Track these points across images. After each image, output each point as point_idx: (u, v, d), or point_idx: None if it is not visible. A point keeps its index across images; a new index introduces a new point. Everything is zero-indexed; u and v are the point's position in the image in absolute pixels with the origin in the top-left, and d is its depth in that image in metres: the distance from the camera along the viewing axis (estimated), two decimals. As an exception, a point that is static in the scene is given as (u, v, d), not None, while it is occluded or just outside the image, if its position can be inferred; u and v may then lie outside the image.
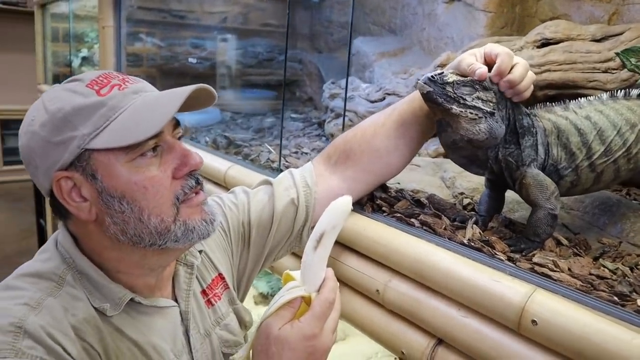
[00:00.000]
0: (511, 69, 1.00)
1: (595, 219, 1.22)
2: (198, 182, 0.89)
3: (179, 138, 0.92)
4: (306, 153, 1.92)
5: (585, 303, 0.84)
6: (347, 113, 2.03)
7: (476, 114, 0.98)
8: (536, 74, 1.50)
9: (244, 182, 1.56)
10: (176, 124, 0.91)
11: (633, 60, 1.20)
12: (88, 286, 0.84)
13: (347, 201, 0.80)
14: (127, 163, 0.82)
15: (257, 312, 2.65)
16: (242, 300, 1.18)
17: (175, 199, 0.85)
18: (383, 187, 1.28)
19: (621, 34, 1.45)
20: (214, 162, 1.78)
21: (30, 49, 5.25)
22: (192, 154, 0.88)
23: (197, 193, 0.90)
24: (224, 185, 1.70)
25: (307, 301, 0.81)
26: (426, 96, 0.99)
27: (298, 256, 1.38)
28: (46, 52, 4.79)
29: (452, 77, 0.99)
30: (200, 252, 1.06)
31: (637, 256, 1.05)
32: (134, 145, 0.81)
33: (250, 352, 0.83)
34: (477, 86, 0.99)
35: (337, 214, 0.80)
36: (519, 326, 0.86)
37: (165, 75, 3.35)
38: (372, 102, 1.98)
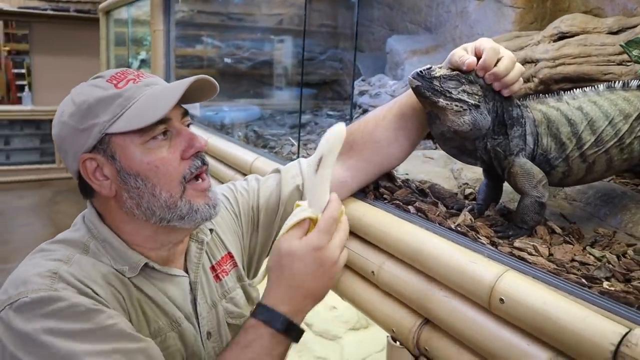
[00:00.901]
0: (497, 62, 1.03)
1: (596, 210, 1.22)
2: (204, 162, 1.01)
3: (188, 125, 1.04)
4: None
5: (553, 284, 0.87)
6: (372, 108, 2.07)
7: (461, 107, 1.01)
8: (551, 67, 1.52)
9: (267, 171, 1.64)
10: (184, 113, 1.03)
11: (636, 52, 1.20)
12: (110, 251, 0.97)
13: (340, 128, 0.88)
14: (140, 145, 0.95)
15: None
16: (252, 279, 1.27)
17: (182, 178, 0.97)
18: (389, 176, 1.34)
19: (637, 26, 1.43)
20: (242, 154, 1.89)
21: (96, 54, 5.61)
22: (197, 137, 1.01)
23: (202, 179, 1.01)
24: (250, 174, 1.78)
25: (314, 223, 0.90)
26: (415, 90, 1.05)
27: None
28: (109, 56, 5.11)
29: (439, 72, 1.03)
30: (211, 230, 1.16)
31: (628, 245, 1.05)
32: (145, 129, 0.93)
33: (265, 275, 0.94)
34: (463, 80, 1.02)
35: (332, 139, 0.87)
36: (489, 304, 0.90)
37: (213, 76, 3.50)
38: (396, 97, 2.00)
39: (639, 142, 1.11)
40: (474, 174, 1.42)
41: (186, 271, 1.09)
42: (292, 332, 0.89)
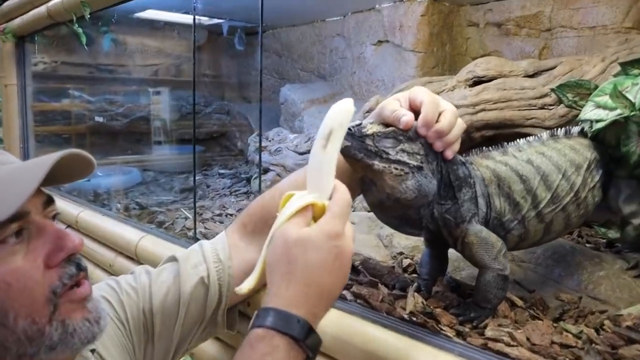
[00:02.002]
0: (438, 116, 0.90)
1: (549, 271, 1.13)
2: (80, 268, 0.75)
3: (54, 217, 0.77)
4: (230, 215, 1.81)
5: (551, 388, 0.71)
6: (274, 167, 1.94)
7: (402, 170, 0.87)
8: (471, 114, 1.45)
9: (158, 254, 1.44)
10: (48, 200, 0.76)
11: (570, 95, 1.14)
12: None
13: (349, 101, 0.75)
14: None
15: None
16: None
17: (51, 294, 0.71)
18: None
19: (553, 68, 1.43)
20: (124, 232, 1.64)
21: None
22: (68, 235, 0.75)
23: (79, 284, 0.74)
24: (136, 258, 1.55)
25: (317, 213, 0.74)
26: (344, 152, 0.87)
27: (221, 340, 1.23)
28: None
29: (372, 129, 0.88)
30: (92, 351, 0.89)
31: (601, 313, 0.96)
32: None
33: (261, 274, 0.76)
34: (400, 137, 0.88)
35: (343, 112, 0.75)
36: (476, 423, 0.72)
37: (81, 134, 3.22)
38: (300, 154, 1.92)
39: (592, 195, 1.05)
40: (407, 240, 1.29)
41: None
42: (311, 340, 0.70)
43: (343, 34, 2.47)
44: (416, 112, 0.91)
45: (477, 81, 1.53)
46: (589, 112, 1.09)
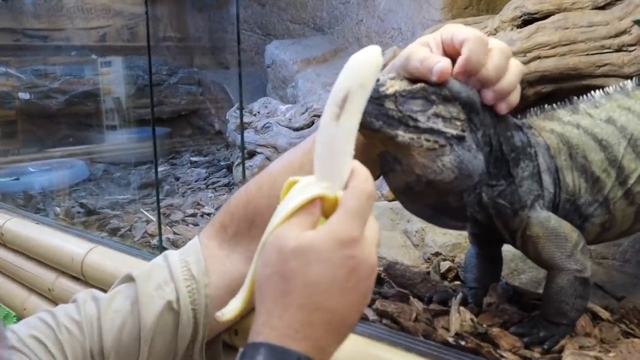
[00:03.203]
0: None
1: None
2: None
3: None
4: (208, 215, 1.81)
5: None
6: (262, 149, 1.92)
7: (436, 141, 0.85)
8: (523, 63, 1.42)
9: (112, 271, 1.42)
10: None
11: (660, 28, 1.09)
12: None
13: (375, 50, 0.70)
14: None
15: None
16: None
17: None
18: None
19: (633, -7, 1.41)
20: (66, 244, 1.64)
21: None
22: None
23: None
24: (83, 279, 1.54)
25: (327, 209, 0.69)
26: None
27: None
28: None
29: (393, 86, 0.85)
30: None
31: None
32: None
33: (249, 294, 0.73)
34: (433, 97, 0.86)
35: (365, 66, 0.69)
36: None
37: (9, 120, 3.29)
38: (296, 129, 1.90)
39: None
40: (445, 236, 1.28)
41: None
42: None
43: (344, -31, 2.49)
44: (453, 57, 0.88)
45: (528, 20, 1.51)
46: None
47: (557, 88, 1.43)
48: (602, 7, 1.45)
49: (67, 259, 1.60)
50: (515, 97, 0.90)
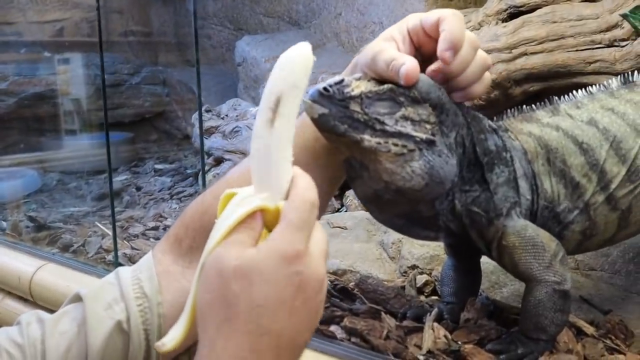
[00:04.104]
0: None
1: (631, 282, 1.15)
2: None
3: None
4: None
5: None
6: (232, 156, 1.93)
7: (404, 146, 0.87)
8: (507, 61, 1.47)
9: (63, 291, 1.42)
10: None
11: (648, 20, 1.13)
12: None
13: (304, 47, 0.68)
14: None
15: None
16: None
17: None
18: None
19: (624, -16, 1.42)
20: (12, 261, 1.64)
21: None
22: None
23: None
24: (30, 299, 1.54)
25: (269, 221, 0.69)
26: (319, 123, 0.87)
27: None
28: None
29: (359, 87, 0.87)
30: None
31: None
32: None
33: (190, 321, 0.71)
34: (401, 98, 0.88)
35: (296, 65, 0.68)
36: None
37: None
38: None
39: None
40: (422, 247, 1.30)
41: None
42: None
43: (321, -40, 2.51)
44: (424, 45, 0.90)
45: (514, 13, 1.53)
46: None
47: (546, 86, 1.45)
48: (593, 0, 1.47)
49: (14, 278, 1.60)
50: (478, 89, 0.91)
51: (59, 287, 1.46)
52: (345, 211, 1.71)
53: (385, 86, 0.87)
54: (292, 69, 0.69)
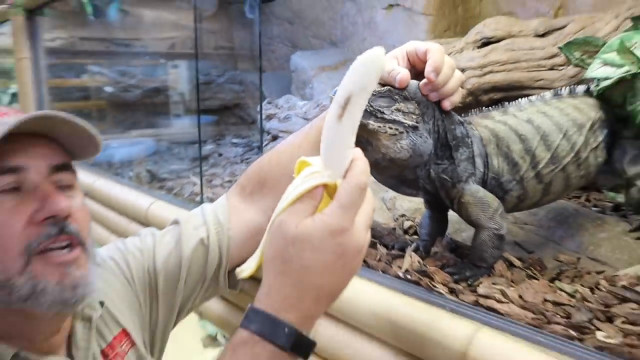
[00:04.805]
0: None
1: (551, 233, 1.13)
2: (64, 232, 0.76)
3: (63, 187, 0.80)
4: None
5: (537, 341, 0.73)
6: (283, 134, 1.93)
7: (396, 129, 0.87)
8: (479, 76, 1.44)
9: (167, 219, 1.42)
10: (60, 167, 0.79)
11: (577, 54, 1.12)
12: None
13: (377, 52, 0.62)
14: None
15: (205, 357, 2.49)
16: (159, 358, 1.05)
17: (25, 248, 0.73)
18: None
19: (564, 27, 1.40)
20: (135, 199, 1.68)
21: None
22: (54, 198, 0.76)
23: (70, 249, 0.77)
24: (147, 224, 1.58)
25: (330, 192, 0.65)
26: None
27: (227, 300, 1.26)
28: (-28, 91, 4.57)
29: None
30: (102, 304, 0.93)
31: (598, 273, 0.96)
32: None
33: (262, 259, 0.68)
34: (396, 97, 0.88)
35: (368, 69, 0.61)
36: (463, 375, 0.74)
37: (100, 109, 3.30)
38: (309, 120, 1.89)
39: (594, 155, 1.03)
40: (410, 203, 1.29)
41: (72, 359, 0.86)
42: (300, 347, 0.64)
43: (354, -2, 2.46)
44: (416, 66, 0.91)
45: (486, 42, 1.51)
46: (595, 69, 1.07)
47: (506, 96, 1.43)
48: (542, 35, 1.44)
49: (137, 209, 1.65)
50: (456, 98, 0.91)
51: (164, 217, 1.51)
52: None
53: (385, 87, 0.88)
54: (364, 72, 0.62)
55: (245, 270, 0.69)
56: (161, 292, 1.02)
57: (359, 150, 0.66)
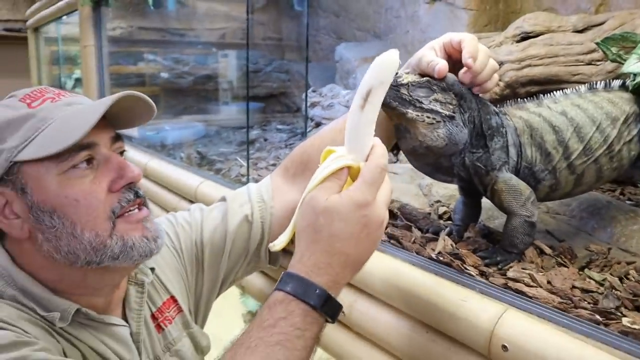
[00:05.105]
0: None
1: (583, 224, 1.11)
2: (138, 195, 0.83)
3: (122, 153, 0.85)
4: None
5: (563, 324, 0.73)
6: (326, 121, 1.94)
7: (434, 118, 0.88)
8: (516, 69, 1.42)
9: (215, 197, 1.47)
10: (116, 137, 0.85)
11: (614, 49, 1.09)
12: (31, 299, 0.78)
13: (393, 53, 0.68)
14: (58, 176, 0.76)
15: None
16: (202, 326, 1.08)
17: (110, 213, 0.79)
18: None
19: (603, 23, 1.35)
20: (185, 178, 1.71)
21: (29, 74, 5.23)
22: (129, 166, 0.82)
23: (139, 209, 0.83)
24: (195, 202, 1.58)
25: (353, 174, 0.70)
26: None
27: (267, 275, 1.29)
28: (41, 75, 4.76)
29: (406, 79, 0.89)
30: (152, 269, 0.97)
31: (628, 264, 0.94)
32: (63, 156, 0.75)
33: (293, 234, 0.73)
34: (434, 87, 0.89)
35: (385, 67, 0.68)
36: (489, 352, 0.75)
37: (155, 94, 3.36)
38: None
39: (628, 149, 1.01)
40: (445, 189, 1.29)
41: (126, 321, 0.90)
42: (329, 308, 0.69)
43: (398, -7, 2.43)
44: (452, 56, 0.91)
45: (525, 37, 1.47)
46: (631, 65, 1.04)
47: (543, 89, 1.37)
48: (581, 31, 1.41)
49: (187, 188, 1.69)
50: (490, 85, 0.91)
51: (213, 195, 1.54)
52: (395, 162, 1.71)
53: (424, 78, 0.89)
54: (382, 69, 0.68)
55: (277, 245, 0.74)
56: (207, 263, 1.05)
57: (377, 138, 0.71)
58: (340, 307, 0.70)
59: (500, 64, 1.43)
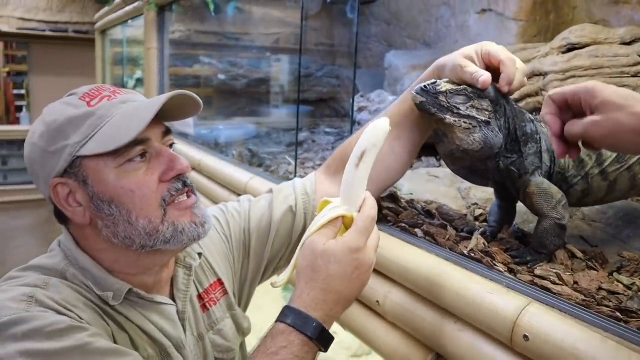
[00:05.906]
0: None
1: (618, 232, 1.13)
2: (186, 185, 0.91)
3: (171, 146, 0.94)
4: None
5: (583, 318, 0.77)
6: None
7: (470, 124, 0.92)
8: (561, 80, 1.44)
9: (262, 190, 1.55)
10: (166, 131, 0.93)
11: (657, 61, 1.11)
12: (90, 279, 0.88)
13: (385, 121, 0.80)
14: (115, 169, 0.85)
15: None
16: (244, 310, 1.17)
17: (162, 201, 0.88)
18: (393, 197, 1.25)
19: (652, 35, 1.35)
20: (237, 174, 1.80)
21: (94, 74, 5.53)
22: (178, 159, 0.91)
23: (188, 196, 0.91)
24: (237, 195, 1.69)
25: (347, 223, 0.82)
26: (419, 106, 0.95)
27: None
28: (106, 75, 5.03)
29: (445, 86, 0.94)
30: (200, 255, 1.06)
31: (658, 271, 0.96)
32: (120, 151, 0.84)
33: (293, 273, 0.84)
34: (471, 95, 0.93)
35: (377, 132, 0.79)
36: (511, 341, 0.80)
37: (209, 96, 3.47)
38: None
39: None
40: (483, 193, 1.34)
41: (173, 300, 0.98)
42: (323, 339, 0.80)
43: (449, 3, 2.44)
44: (488, 67, 0.96)
45: (571, 48, 1.49)
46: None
47: None
48: (628, 43, 1.41)
49: (238, 183, 1.77)
50: (516, 86, 0.96)
51: (261, 189, 1.59)
52: (439, 166, 1.74)
53: (462, 86, 0.94)
54: (374, 135, 0.79)
55: (279, 282, 0.85)
56: (252, 250, 1.14)
57: (369, 192, 0.82)
58: (333, 339, 0.80)
59: (545, 74, 1.46)
